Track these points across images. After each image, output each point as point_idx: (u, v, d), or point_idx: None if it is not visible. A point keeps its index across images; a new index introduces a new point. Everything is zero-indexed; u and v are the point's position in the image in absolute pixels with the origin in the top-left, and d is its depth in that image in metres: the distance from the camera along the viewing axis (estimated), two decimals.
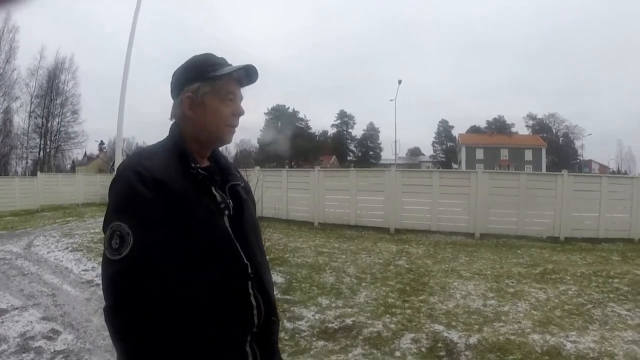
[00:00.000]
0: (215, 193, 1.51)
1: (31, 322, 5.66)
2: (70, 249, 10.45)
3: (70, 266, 8.76)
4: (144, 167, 1.36)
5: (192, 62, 1.57)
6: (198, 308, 1.34)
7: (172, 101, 1.60)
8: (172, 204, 1.34)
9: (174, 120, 1.59)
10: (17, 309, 6.21)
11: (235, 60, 1.60)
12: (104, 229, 1.34)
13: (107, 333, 1.27)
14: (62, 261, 9.26)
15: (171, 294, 1.30)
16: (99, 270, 6.67)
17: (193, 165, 1.46)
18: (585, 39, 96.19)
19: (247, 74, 1.59)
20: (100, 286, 1.38)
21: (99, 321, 5.52)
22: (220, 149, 1.72)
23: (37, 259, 9.65)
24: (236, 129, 1.60)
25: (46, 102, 48.22)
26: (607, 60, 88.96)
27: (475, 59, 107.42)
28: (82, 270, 8.35)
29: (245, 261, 1.47)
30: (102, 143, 68.88)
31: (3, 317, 5.86)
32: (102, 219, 1.36)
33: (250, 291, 1.48)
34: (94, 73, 77.19)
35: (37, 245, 11.31)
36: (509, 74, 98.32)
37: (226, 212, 1.51)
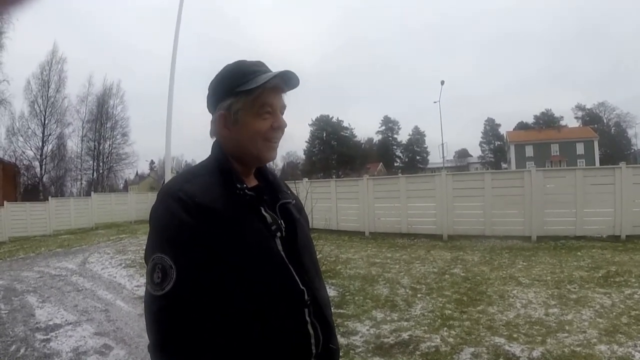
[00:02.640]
0: (265, 214, 1.41)
1: (84, 337, 5.87)
2: (123, 265, 10.80)
3: (124, 282, 9.05)
4: (185, 192, 1.28)
5: (223, 74, 1.46)
6: (251, 341, 1.27)
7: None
8: (218, 230, 1.26)
9: (214, 138, 1.50)
10: (70, 324, 6.47)
11: (273, 66, 1.49)
12: (146, 261, 1.28)
13: None
14: (115, 277, 9.58)
15: (220, 327, 1.24)
16: None
17: (239, 185, 1.37)
18: (628, 21, 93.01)
19: (284, 81, 1.45)
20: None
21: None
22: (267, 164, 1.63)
23: (92, 275, 10.01)
24: (279, 142, 1.49)
25: (97, 126, 52.08)
26: None
27: (515, 52, 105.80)
28: (135, 286, 8.60)
29: (302, 287, 1.39)
30: (152, 162, 71.73)
31: (57, 331, 6.11)
32: None
33: (307, 319, 1.40)
34: (141, 95, 79.84)
35: (91, 262, 11.75)
36: (552, 65, 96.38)
37: (278, 234, 1.41)
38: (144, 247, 1.32)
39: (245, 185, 1.39)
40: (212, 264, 1.24)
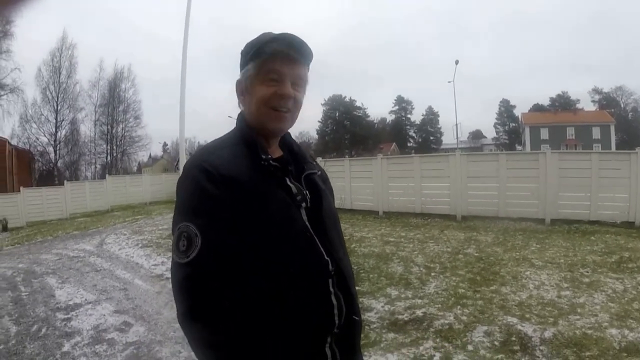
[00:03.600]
0: (290, 185, 1.41)
1: (104, 315, 6.03)
2: (140, 245, 10.98)
3: (141, 262, 9.23)
4: (210, 163, 1.30)
5: (246, 44, 1.48)
6: (275, 309, 1.28)
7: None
8: (243, 200, 1.28)
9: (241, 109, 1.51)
10: (90, 303, 6.62)
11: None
12: (173, 231, 1.31)
13: (177, 325, 1.33)
14: (132, 257, 9.76)
15: (246, 296, 1.26)
16: (169, 264, 7.10)
17: (264, 156, 1.38)
18: None
19: (289, 46, 1.42)
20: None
21: (169, 313, 5.83)
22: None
23: (109, 255, 10.22)
24: (290, 113, 1.45)
25: (109, 110, 53.00)
26: None
27: (531, 33, 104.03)
28: (152, 265, 8.78)
29: (326, 257, 1.39)
30: (165, 144, 72.10)
31: (77, 311, 6.28)
32: (170, 215, 1.39)
33: (331, 289, 1.40)
34: (153, 76, 79.48)
35: (108, 243, 11.97)
36: (569, 47, 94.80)
37: (303, 204, 1.41)
38: (159, 228, 1.35)
39: (269, 156, 1.39)
40: (236, 234, 1.26)
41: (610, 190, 11.19)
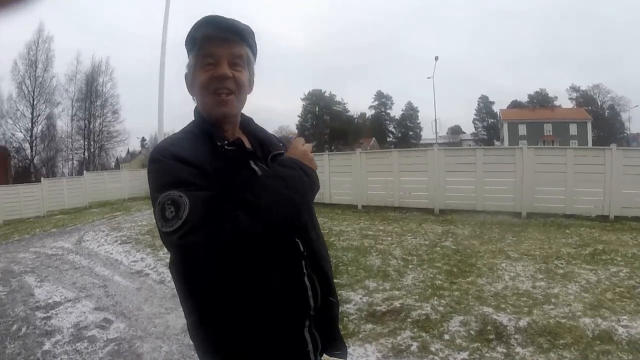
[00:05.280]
0: (255, 167, 1.41)
1: (84, 312, 5.98)
2: (119, 242, 10.89)
3: (120, 258, 9.16)
4: (170, 152, 1.28)
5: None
6: (249, 293, 1.28)
7: None
8: (207, 186, 1.23)
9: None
10: (70, 300, 6.54)
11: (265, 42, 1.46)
12: (154, 213, 1.23)
13: (157, 321, 1.31)
14: (112, 254, 9.68)
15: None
16: (148, 260, 6.97)
17: (219, 143, 1.36)
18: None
19: (219, 27, 1.39)
20: (150, 276, 1.31)
21: (149, 309, 5.85)
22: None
23: (88, 253, 10.12)
24: (233, 95, 1.42)
25: (86, 104, 51.11)
26: None
27: (511, 31, 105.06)
28: (132, 262, 8.73)
29: (296, 238, 1.40)
30: (143, 139, 71.24)
31: (57, 309, 6.20)
32: (149, 212, 1.34)
33: (305, 270, 1.40)
34: (130, 72, 78.52)
35: (87, 240, 11.85)
36: (548, 45, 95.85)
37: None
38: (138, 224, 1.31)
39: (225, 142, 1.37)
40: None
41: (585, 185, 11.38)
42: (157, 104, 13.65)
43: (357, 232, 10.19)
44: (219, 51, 1.39)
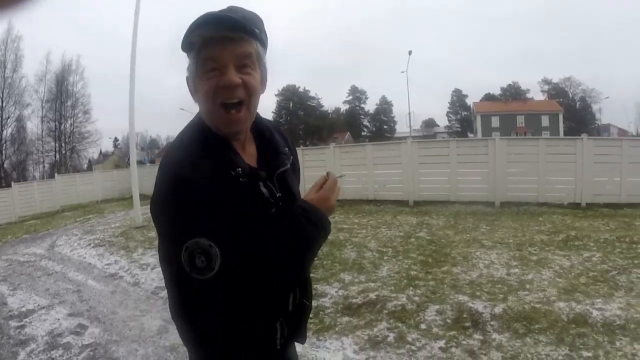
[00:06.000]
0: (263, 190, 1.34)
1: (58, 319, 5.84)
2: (92, 245, 10.70)
3: (94, 262, 9.00)
4: (186, 177, 1.17)
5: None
6: (243, 292, 1.23)
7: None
8: (220, 211, 1.17)
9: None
10: (43, 308, 6.39)
11: None
12: (175, 253, 1.15)
13: (132, 324, 1.25)
14: (85, 258, 9.50)
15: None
16: (122, 262, 6.86)
17: (233, 172, 1.25)
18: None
19: (219, 26, 1.20)
20: (124, 279, 1.30)
21: (124, 312, 5.76)
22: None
23: (61, 258, 9.92)
24: (244, 106, 1.27)
25: (57, 105, 49.15)
26: (623, 21, 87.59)
27: (484, 24, 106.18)
28: (105, 265, 8.58)
29: None
30: (116, 139, 70.17)
31: (31, 317, 6.06)
32: (122, 212, 1.27)
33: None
34: (101, 71, 77.14)
35: (60, 245, 11.59)
36: (522, 39, 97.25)
37: (273, 210, 1.34)
38: (112, 226, 1.25)
39: (239, 170, 1.27)
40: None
41: (557, 174, 11.58)
42: (128, 104, 13.42)
43: (332, 225, 10.07)
44: (223, 53, 1.22)
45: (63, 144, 50.71)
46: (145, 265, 7.94)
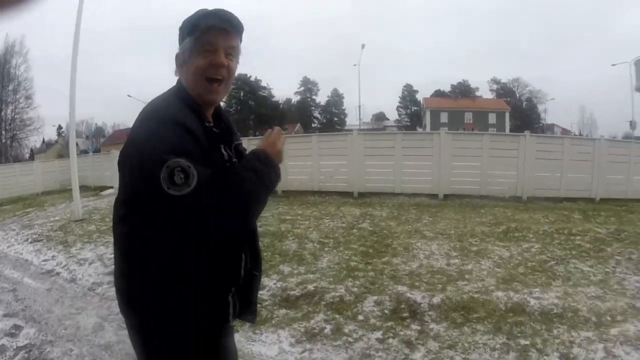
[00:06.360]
0: (224, 152, 1.56)
1: None
2: (30, 240, 10.15)
3: (31, 258, 8.53)
4: (182, 122, 1.39)
5: (184, 20, 1.57)
6: (197, 257, 1.43)
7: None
8: (199, 156, 1.37)
9: (177, 77, 1.62)
10: None
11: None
12: (152, 171, 1.29)
13: (68, 322, 1.06)
14: (22, 254, 8.99)
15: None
16: (59, 258, 6.47)
17: (207, 124, 1.53)
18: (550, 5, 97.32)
19: (221, 20, 1.53)
20: (61, 275, 1.20)
21: (59, 311, 5.47)
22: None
23: None
24: (223, 85, 1.59)
25: None
26: (571, 26, 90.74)
27: (439, 22, 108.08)
28: (43, 261, 8.15)
29: None
30: (60, 127, 66.48)
31: None
32: (62, 205, 1.11)
33: (244, 246, 1.64)
34: (46, 54, 73.99)
35: None
36: (473, 38, 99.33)
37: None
38: (51, 220, 1.11)
39: (212, 124, 1.57)
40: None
41: (500, 169, 11.92)
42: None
43: (275, 217, 9.93)
44: (219, 41, 1.53)
45: (3, 132, 47.77)
46: (82, 261, 7.58)
